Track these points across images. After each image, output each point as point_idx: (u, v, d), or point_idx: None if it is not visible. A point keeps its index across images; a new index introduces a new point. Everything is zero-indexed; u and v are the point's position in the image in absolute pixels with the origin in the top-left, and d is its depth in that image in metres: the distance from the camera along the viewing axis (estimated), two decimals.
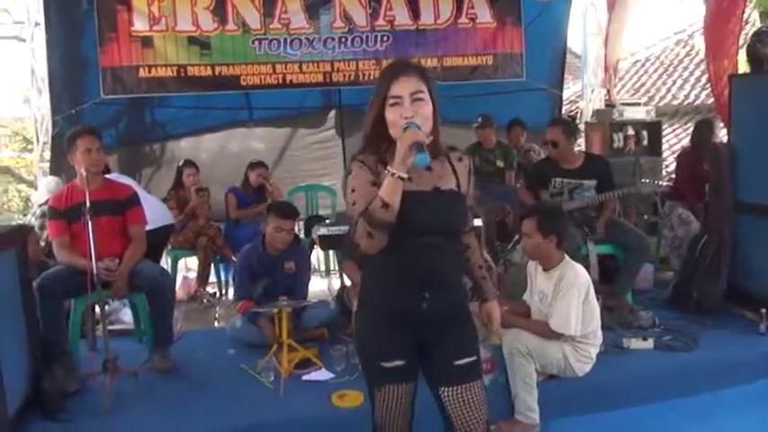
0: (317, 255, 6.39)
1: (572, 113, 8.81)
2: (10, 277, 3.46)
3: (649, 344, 4.08)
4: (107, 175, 4.63)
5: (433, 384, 2.41)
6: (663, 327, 4.35)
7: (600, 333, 3.71)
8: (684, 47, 11.17)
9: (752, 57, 4.50)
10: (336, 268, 6.22)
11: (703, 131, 5.46)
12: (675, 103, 9.79)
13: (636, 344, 4.06)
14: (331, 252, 6.25)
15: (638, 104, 6.55)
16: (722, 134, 5.30)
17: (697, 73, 10.25)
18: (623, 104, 6.32)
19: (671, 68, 11.05)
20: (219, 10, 6.57)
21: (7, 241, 3.50)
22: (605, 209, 4.75)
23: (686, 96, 9.96)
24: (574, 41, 8.22)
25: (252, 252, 4.62)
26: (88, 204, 3.75)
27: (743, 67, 5.18)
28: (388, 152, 2.24)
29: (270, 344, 4.08)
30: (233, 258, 5.85)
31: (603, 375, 3.72)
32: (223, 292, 6.23)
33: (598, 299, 3.73)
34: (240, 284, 4.61)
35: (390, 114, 2.24)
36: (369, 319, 2.44)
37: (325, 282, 6.25)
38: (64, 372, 3.72)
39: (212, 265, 6.14)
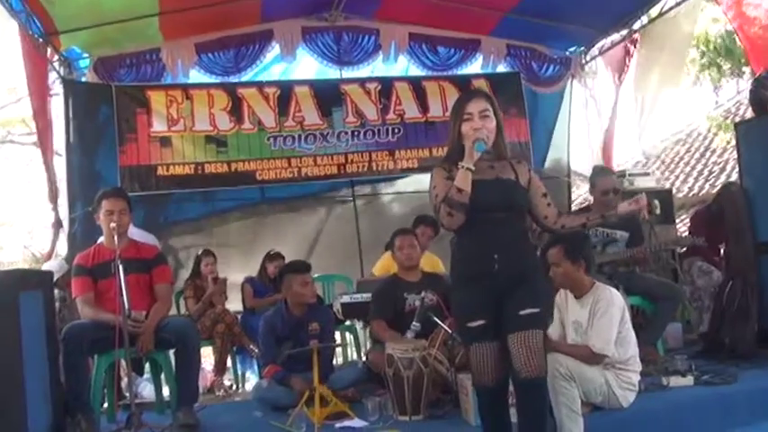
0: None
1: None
2: (36, 317, 3.51)
3: (689, 380, 4.05)
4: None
5: (504, 335, 2.92)
6: (700, 370, 4.31)
7: (639, 361, 3.71)
8: (684, 145, 11.67)
9: (755, 102, 4.77)
10: (354, 357, 6.17)
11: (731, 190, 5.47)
12: (680, 195, 10.11)
13: (675, 381, 4.04)
14: (348, 335, 6.22)
15: (648, 174, 6.78)
16: None
17: (699, 167, 10.66)
18: (631, 175, 6.53)
19: (672, 165, 11.50)
20: (236, 111, 6.91)
21: (35, 282, 3.59)
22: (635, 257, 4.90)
23: (690, 188, 10.31)
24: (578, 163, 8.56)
25: (276, 315, 4.66)
26: (118, 252, 3.85)
27: None
28: (460, 158, 2.96)
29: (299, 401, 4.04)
30: (251, 347, 5.85)
31: (647, 407, 3.70)
32: (240, 385, 6.14)
33: None
34: (266, 349, 4.61)
35: (464, 127, 3.01)
36: (458, 287, 3.10)
37: None
38: (86, 423, 3.68)
39: (229, 356, 6.10)
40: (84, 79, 6.77)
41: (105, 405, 4.45)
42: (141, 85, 6.78)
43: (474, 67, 7.64)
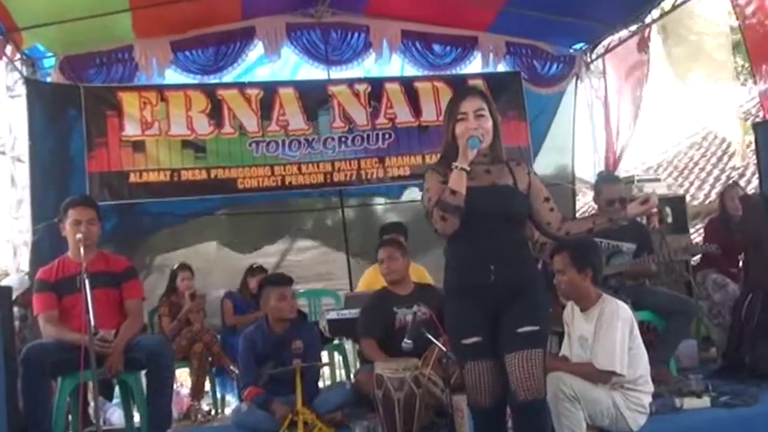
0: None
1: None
2: None
3: (705, 402, 4.01)
4: None
5: (501, 354, 2.89)
6: (717, 391, 4.26)
7: (650, 381, 3.67)
8: (699, 149, 11.67)
9: None
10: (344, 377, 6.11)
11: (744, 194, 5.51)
12: (696, 203, 10.09)
13: (690, 402, 4.00)
14: (336, 354, 6.16)
15: (659, 180, 6.75)
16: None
17: (715, 172, 10.66)
18: (640, 181, 6.50)
19: (686, 171, 11.50)
20: (215, 113, 6.84)
21: None
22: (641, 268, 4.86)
23: (706, 195, 10.30)
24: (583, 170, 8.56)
25: (256, 333, 4.62)
26: (84, 265, 3.79)
27: None
28: (455, 160, 2.92)
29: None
30: (231, 368, 5.80)
31: (659, 431, 3.65)
32: (219, 410, 6.07)
33: None
34: (245, 369, 4.57)
35: (458, 128, 2.99)
36: (451, 300, 3.08)
37: None
38: None
39: (207, 378, 6.03)
40: (49, 80, 6.69)
41: None
42: (112, 86, 6.72)
43: (473, 66, 7.62)
